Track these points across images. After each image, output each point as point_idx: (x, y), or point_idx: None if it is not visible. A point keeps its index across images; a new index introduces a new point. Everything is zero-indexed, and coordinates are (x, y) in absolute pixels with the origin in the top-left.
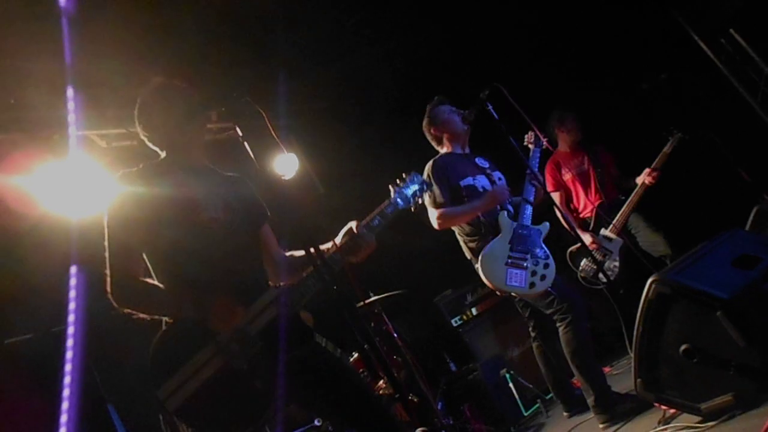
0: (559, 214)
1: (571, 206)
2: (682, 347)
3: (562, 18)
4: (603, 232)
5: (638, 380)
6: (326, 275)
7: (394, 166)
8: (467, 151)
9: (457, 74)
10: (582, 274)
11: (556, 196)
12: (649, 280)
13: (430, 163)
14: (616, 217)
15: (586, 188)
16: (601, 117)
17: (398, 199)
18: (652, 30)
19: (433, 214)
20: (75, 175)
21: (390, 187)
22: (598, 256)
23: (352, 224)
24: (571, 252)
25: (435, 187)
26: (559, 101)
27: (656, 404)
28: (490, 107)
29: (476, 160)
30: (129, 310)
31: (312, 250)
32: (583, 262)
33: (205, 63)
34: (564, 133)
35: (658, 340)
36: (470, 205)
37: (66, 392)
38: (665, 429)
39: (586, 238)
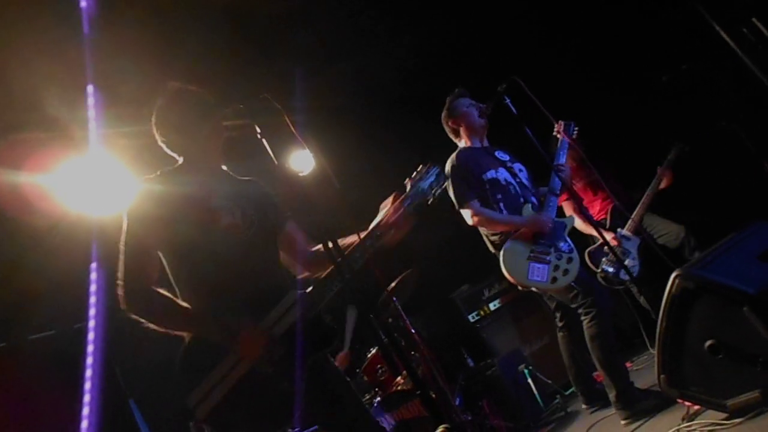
0: (576, 217)
1: (584, 211)
2: (707, 343)
3: (580, 9)
4: (620, 231)
5: (662, 376)
6: (346, 272)
7: (411, 162)
8: (486, 144)
9: (474, 68)
10: (602, 274)
11: (567, 205)
12: (673, 275)
13: (452, 157)
14: (632, 216)
15: (597, 194)
16: (619, 111)
17: (416, 192)
18: (671, 20)
19: (467, 212)
20: (95, 173)
21: (406, 181)
22: (619, 256)
23: (379, 218)
24: (589, 252)
25: (461, 183)
26: (576, 94)
27: (680, 401)
28: (508, 101)
29: (496, 153)
30: (138, 318)
31: (330, 245)
32: (604, 261)
33: (221, 61)
34: (577, 146)
35: (682, 336)
36: (512, 218)
37: (87, 387)
38: (689, 426)
39: (608, 236)
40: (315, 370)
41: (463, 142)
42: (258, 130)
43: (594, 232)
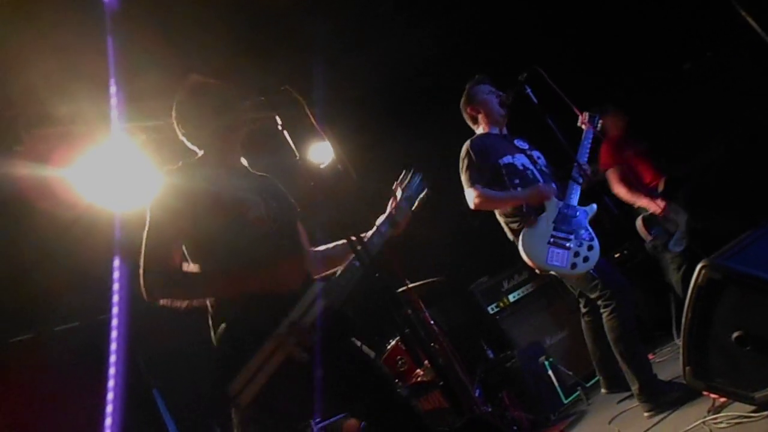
0: (618, 190)
1: (633, 179)
2: (735, 334)
3: None
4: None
5: (687, 368)
6: (365, 260)
7: (429, 153)
8: (504, 132)
9: (494, 57)
10: (654, 242)
11: (613, 173)
12: (699, 266)
13: (467, 143)
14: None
15: (648, 163)
16: (643, 100)
17: (405, 197)
18: (695, 5)
19: (471, 194)
20: (118, 166)
21: (395, 186)
22: (669, 227)
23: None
24: (643, 218)
25: (470, 168)
26: (598, 83)
27: (706, 393)
28: (529, 90)
29: (515, 141)
30: (165, 301)
31: (352, 237)
32: (655, 229)
33: (240, 53)
34: (615, 120)
35: (708, 327)
36: (512, 193)
37: (111, 376)
38: (716, 418)
39: (659, 204)
40: (348, 354)
41: (481, 129)
42: (279, 122)
43: (643, 202)
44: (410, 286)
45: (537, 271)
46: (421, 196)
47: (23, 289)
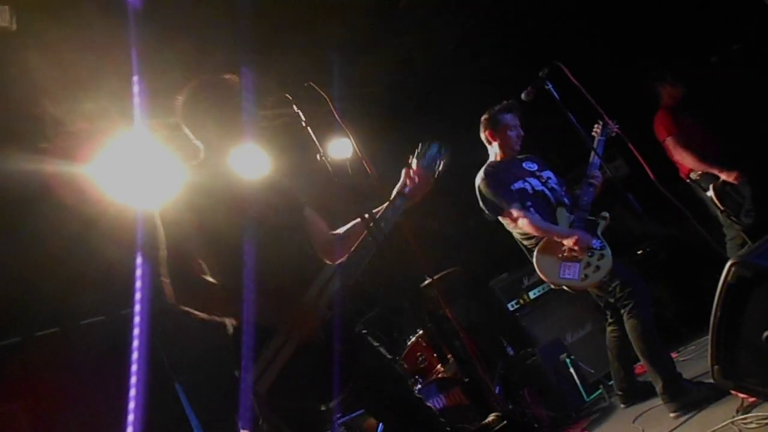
0: (682, 157)
1: (697, 146)
2: (766, 333)
3: None
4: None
5: (715, 367)
6: (379, 237)
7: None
8: (515, 156)
9: (513, 54)
10: (728, 212)
11: (672, 140)
12: (729, 263)
13: (481, 173)
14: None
15: (708, 133)
16: (695, 77)
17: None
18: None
19: (512, 214)
20: (141, 162)
21: (411, 159)
22: (738, 198)
23: (401, 184)
24: (715, 188)
25: (497, 190)
26: (622, 77)
27: (734, 392)
28: (551, 86)
29: (523, 164)
30: (188, 309)
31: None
32: (727, 200)
33: (261, 49)
34: (671, 90)
35: (738, 326)
36: (552, 227)
37: (134, 370)
38: (745, 418)
39: (732, 173)
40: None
41: (492, 153)
42: (303, 118)
43: (715, 170)
44: (432, 279)
45: (552, 286)
46: (442, 162)
47: (49, 284)
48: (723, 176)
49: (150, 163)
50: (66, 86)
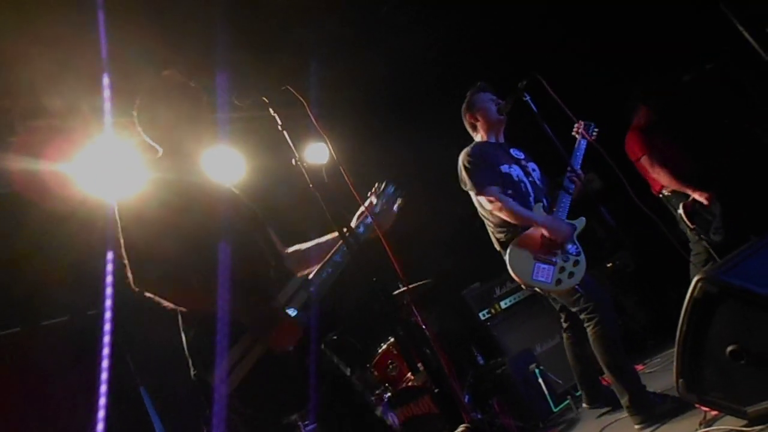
0: (658, 175)
1: (668, 165)
2: (729, 348)
3: (602, 7)
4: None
5: (680, 381)
6: (349, 254)
7: (426, 157)
8: (501, 140)
9: (494, 64)
10: (697, 230)
11: (647, 159)
12: (695, 279)
13: (465, 151)
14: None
15: (683, 152)
16: (668, 98)
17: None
18: (694, 19)
19: (488, 196)
20: (112, 160)
21: (369, 194)
22: (707, 216)
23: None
24: (684, 205)
25: (478, 170)
26: (598, 93)
27: (698, 406)
28: (528, 98)
29: (511, 150)
30: (151, 295)
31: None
32: (696, 218)
33: (238, 51)
34: (646, 110)
35: (703, 341)
36: (529, 213)
37: (104, 374)
38: (707, 431)
39: (704, 195)
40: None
41: (479, 137)
42: (279, 122)
43: (688, 190)
44: (405, 288)
45: (523, 287)
46: (398, 204)
47: (12, 282)
48: (696, 196)
49: (120, 162)
50: (35, 80)
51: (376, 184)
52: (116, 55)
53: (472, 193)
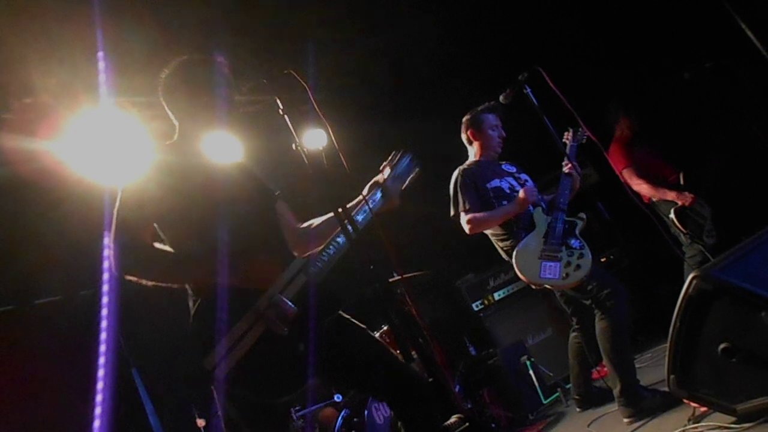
0: (640, 187)
1: (652, 177)
2: (721, 346)
3: (605, 3)
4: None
5: (671, 376)
6: (352, 235)
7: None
8: (495, 158)
9: (495, 55)
10: (690, 234)
11: (629, 171)
12: (691, 276)
13: (457, 172)
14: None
15: (665, 160)
16: (641, 107)
17: (393, 176)
18: (696, 16)
19: (463, 220)
20: (108, 140)
21: (383, 166)
22: (698, 219)
23: (378, 177)
24: (676, 211)
25: (462, 195)
26: (597, 88)
27: (687, 401)
28: (529, 91)
29: (503, 166)
30: (133, 277)
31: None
32: (687, 222)
33: (235, 33)
34: (628, 121)
35: (696, 337)
36: (501, 209)
37: (102, 352)
38: (696, 427)
39: (687, 196)
40: (332, 332)
41: (472, 154)
42: (281, 106)
43: (670, 195)
44: (401, 277)
45: (533, 286)
46: (412, 175)
47: (7, 262)
48: (679, 201)
49: (116, 141)
50: (30, 58)
51: (393, 153)
52: (112, 34)
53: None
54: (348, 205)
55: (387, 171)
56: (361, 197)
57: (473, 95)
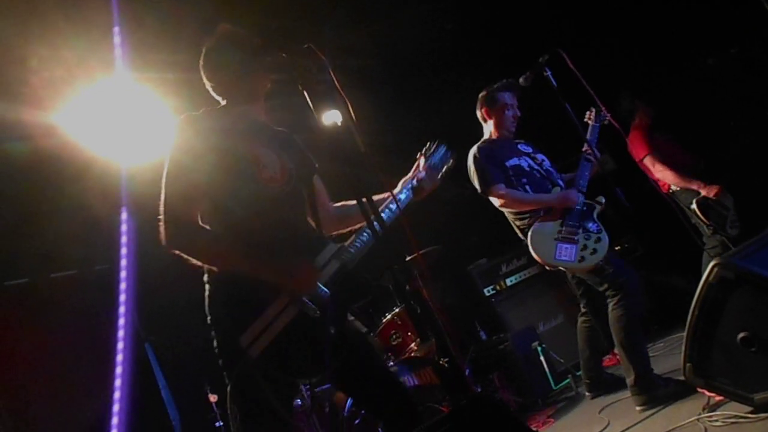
0: (663, 174)
1: (674, 164)
2: (740, 335)
3: None
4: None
5: (688, 364)
6: (379, 228)
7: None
8: (510, 136)
9: (515, 37)
10: (713, 225)
11: (651, 159)
12: (712, 263)
13: (474, 149)
14: None
15: (686, 149)
16: (665, 94)
17: (429, 165)
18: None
19: (495, 194)
20: (123, 116)
21: (419, 155)
22: (721, 210)
23: (410, 175)
24: (698, 202)
25: (488, 171)
26: (618, 73)
27: (702, 390)
28: (549, 73)
29: (519, 146)
30: (181, 253)
31: (367, 201)
32: (710, 213)
33: (250, 12)
34: (646, 108)
35: (715, 326)
36: (538, 196)
37: (121, 326)
38: (711, 416)
39: (712, 188)
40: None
41: (487, 131)
42: (299, 81)
43: (695, 185)
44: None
45: (547, 267)
46: (447, 165)
47: (25, 235)
48: (703, 192)
49: (133, 117)
50: (46, 33)
51: (428, 144)
52: (128, 10)
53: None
54: (375, 198)
55: (422, 161)
56: (389, 193)
57: (493, 76)
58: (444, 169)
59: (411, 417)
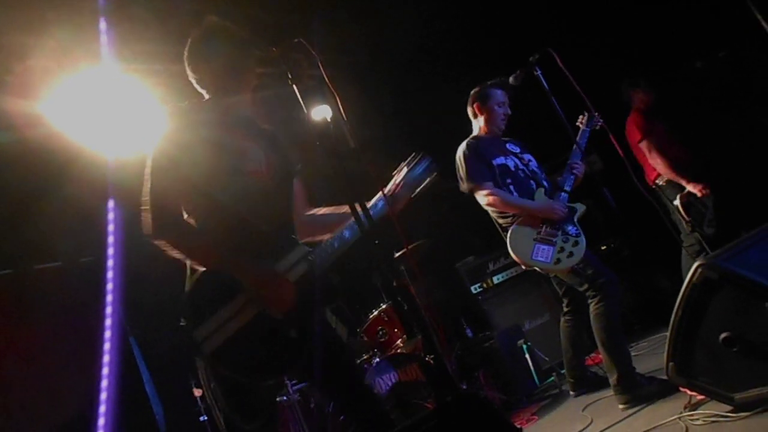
0: (656, 161)
1: (669, 154)
2: (723, 335)
3: None
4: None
5: (670, 363)
6: (359, 231)
7: (428, 126)
8: (499, 134)
9: (506, 36)
10: (691, 222)
11: (647, 143)
12: (696, 264)
13: (463, 145)
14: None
15: (676, 141)
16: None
17: (410, 177)
18: (709, 4)
19: (482, 192)
20: (109, 107)
21: (401, 165)
22: (701, 208)
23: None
24: (683, 197)
25: (475, 169)
26: (608, 74)
27: (685, 390)
28: (539, 73)
29: (507, 145)
30: (163, 243)
31: (353, 204)
32: (691, 210)
33: (240, 4)
34: (643, 94)
35: (698, 325)
36: (525, 202)
37: (108, 315)
38: (692, 415)
39: (698, 187)
40: (321, 327)
41: (476, 128)
42: (289, 75)
43: (684, 182)
44: (406, 248)
45: (523, 267)
46: (428, 180)
47: (9, 225)
48: (690, 188)
49: (119, 108)
50: (31, 20)
51: (413, 154)
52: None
53: (466, 190)
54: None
55: (403, 171)
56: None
57: (483, 74)
58: (426, 182)
59: (381, 426)
